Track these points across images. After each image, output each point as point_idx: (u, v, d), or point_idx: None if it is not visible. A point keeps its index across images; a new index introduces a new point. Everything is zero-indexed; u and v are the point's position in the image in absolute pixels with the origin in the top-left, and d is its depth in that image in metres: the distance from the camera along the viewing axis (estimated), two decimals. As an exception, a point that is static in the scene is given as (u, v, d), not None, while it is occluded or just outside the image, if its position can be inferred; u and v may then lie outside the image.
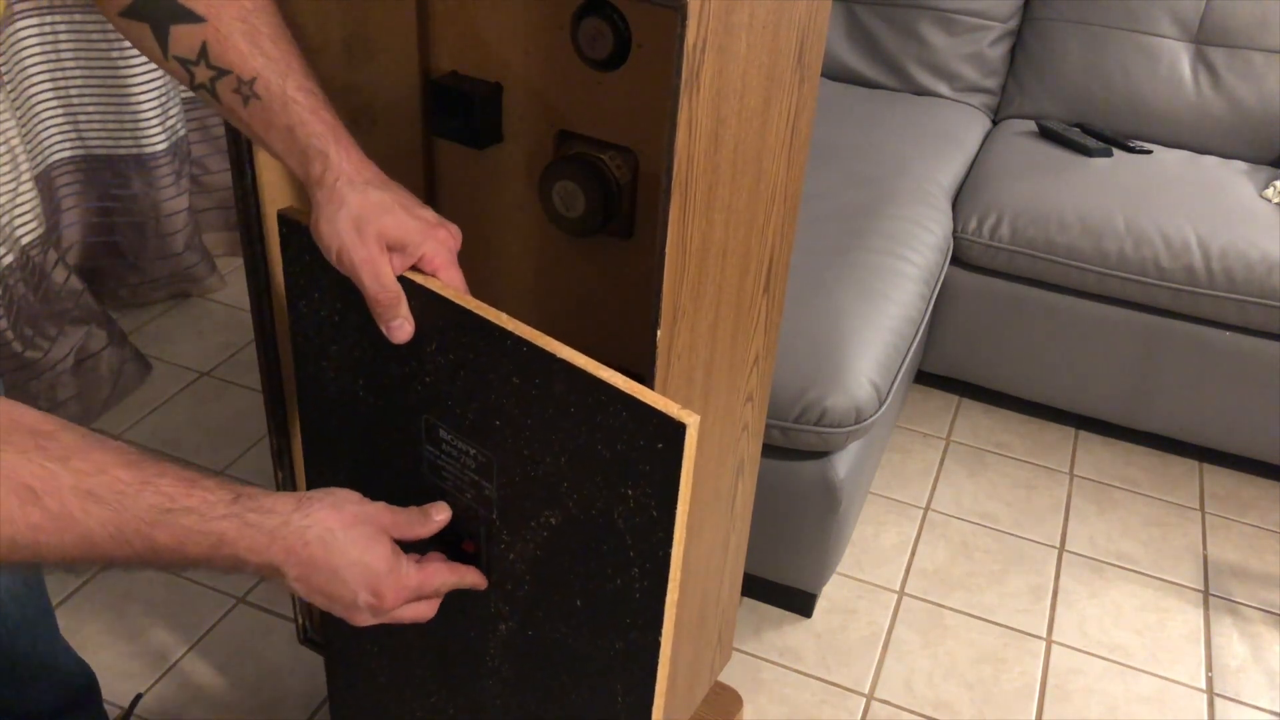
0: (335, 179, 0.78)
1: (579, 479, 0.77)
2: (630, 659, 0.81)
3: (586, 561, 0.80)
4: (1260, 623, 1.76)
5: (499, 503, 0.84)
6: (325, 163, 0.79)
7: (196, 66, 0.78)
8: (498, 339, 0.77)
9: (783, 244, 1.04)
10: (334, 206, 0.78)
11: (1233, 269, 1.85)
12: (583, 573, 0.81)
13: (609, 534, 0.77)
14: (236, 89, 0.78)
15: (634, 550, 0.76)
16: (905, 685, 1.60)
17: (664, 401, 0.70)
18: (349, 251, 0.78)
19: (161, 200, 2.17)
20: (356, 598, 0.75)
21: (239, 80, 0.78)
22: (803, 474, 1.51)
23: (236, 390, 2.08)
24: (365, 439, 0.94)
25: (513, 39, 1.02)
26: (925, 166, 2.07)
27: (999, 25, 2.36)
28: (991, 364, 2.11)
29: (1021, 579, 1.80)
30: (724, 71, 0.78)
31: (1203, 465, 2.10)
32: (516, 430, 0.80)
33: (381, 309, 0.81)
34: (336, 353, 0.92)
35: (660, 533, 0.73)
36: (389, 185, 0.81)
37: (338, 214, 0.78)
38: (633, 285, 1.10)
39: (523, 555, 0.85)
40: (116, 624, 1.59)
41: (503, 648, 0.92)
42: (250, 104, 0.78)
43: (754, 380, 1.11)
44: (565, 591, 0.83)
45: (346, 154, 0.80)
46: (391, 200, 0.80)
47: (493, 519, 0.85)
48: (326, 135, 0.79)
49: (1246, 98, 2.18)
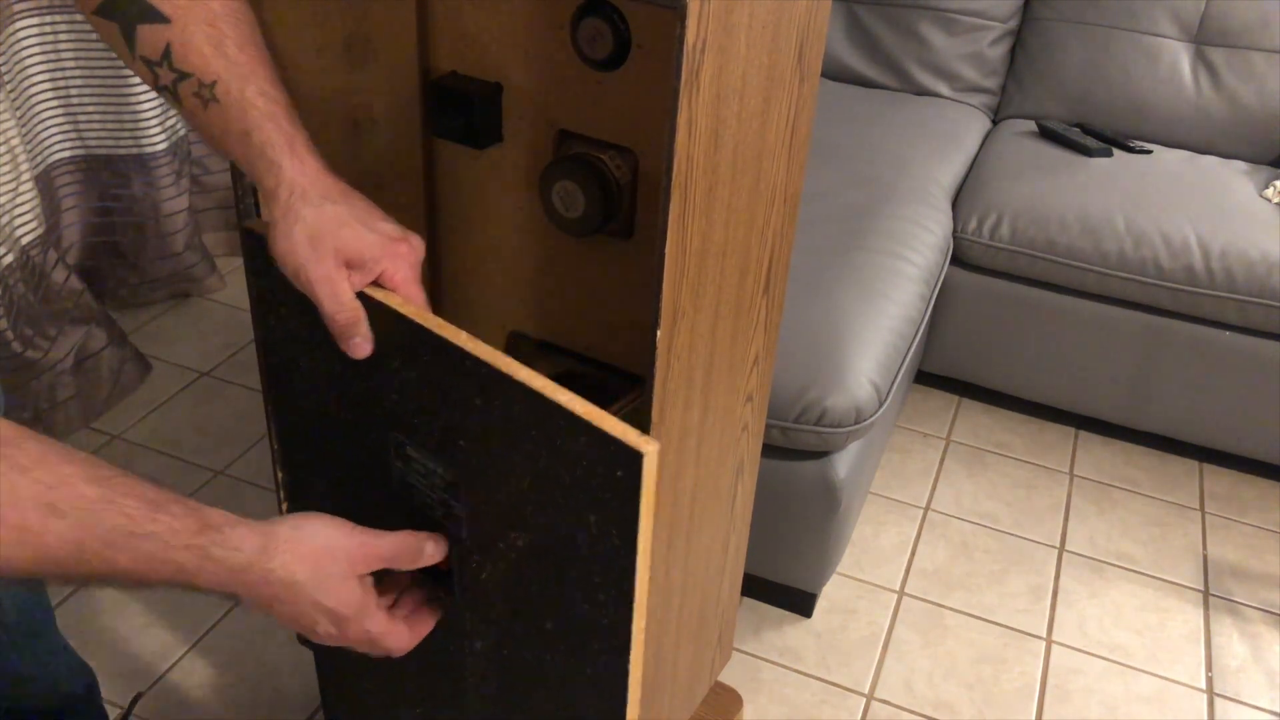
0: (289, 193, 0.76)
1: (543, 502, 0.75)
2: (600, 683, 0.79)
3: (554, 585, 0.78)
4: (1260, 623, 1.76)
5: (468, 522, 0.82)
6: (279, 175, 0.76)
7: (160, 68, 0.77)
8: (457, 359, 0.75)
9: (783, 244, 1.04)
10: (289, 222, 0.76)
11: (1233, 269, 1.85)
12: (551, 596, 0.79)
13: (574, 559, 0.75)
14: (197, 92, 0.77)
15: (599, 577, 0.74)
16: (905, 685, 1.60)
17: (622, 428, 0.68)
18: (305, 269, 0.76)
19: (161, 200, 2.17)
20: (316, 626, 0.75)
21: (200, 83, 0.76)
22: (803, 474, 1.51)
23: (236, 390, 2.08)
24: (338, 453, 0.93)
25: (513, 39, 1.02)
26: (925, 166, 2.07)
27: (999, 25, 2.36)
28: (991, 364, 2.11)
29: (1021, 579, 1.80)
30: (724, 72, 0.78)
31: (1203, 465, 2.10)
32: (480, 450, 0.78)
33: (338, 328, 0.78)
34: (307, 367, 0.90)
35: (623, 561, 0.71)
36: (348, 198, 0.79)
37: (293, 230, 0.76)
38: (633, 285, 1.10)
39: (494, 575, 0.83)
40: (116, 624, 1.59)
41: (481, 664, 0.91)
42: (210, 108, 0.77)
43: (754, 380, 1.11)
44: (535, 613, 0.82)
45: (302, 165, 0.77)
46: (349, 214, 0.77)
47: (462, 538, 0.83)
48: (281, 144, 0.77)
49: (1246, 98, 2.18)
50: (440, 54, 1.08)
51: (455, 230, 1.19)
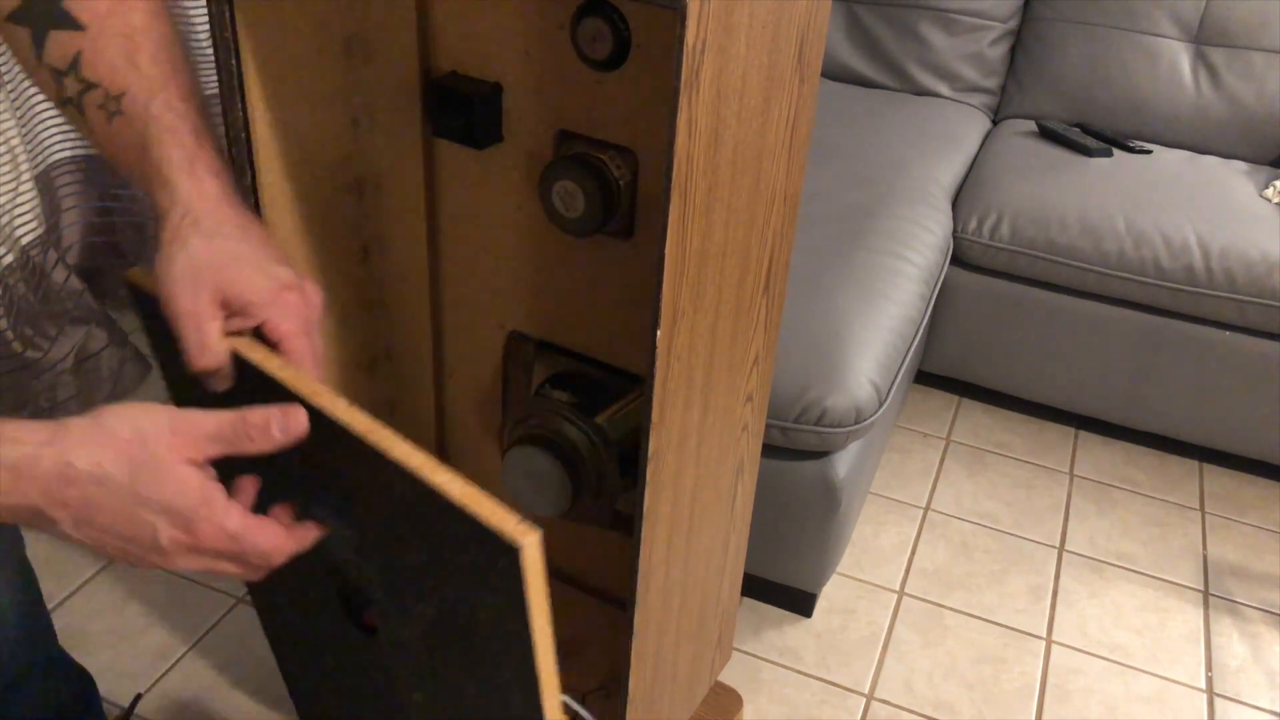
0: (181, 216, 0.70)
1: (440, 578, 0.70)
2: None
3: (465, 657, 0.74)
4: (1260, 623, 1.76)
5: (380, 584, 0.77)
6: (173, 196, 0.70)
7: (67, 77, 0.73)
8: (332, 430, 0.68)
9: (782, 244, 1.04)
10: (175, 247, 0.70)
11: (1233, 269, 1.85)
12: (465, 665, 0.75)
13: (478, 637, 0.71)
14: (102, 104, 0.72)
15: (502, 658, 0.69)
16: (905, 685, 1.60)
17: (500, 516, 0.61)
18: (175, 300, 0.69)
19: (161, 200, 2.17)
20: (158, 536, 0.62)
21: (106, 94, 0.72)
22: (803, 474, 1.51)
23: (236, 390, 2.08)
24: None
25: (513, 39, 1.02)
26: (925, 166, 2.07)
27: (999, 25, 2.36)
28: (991, 364, 2.11)
29: (1021, 579, 1.80)
30: (724, 72, 0.78)
31: (1203, 465, 2.10)
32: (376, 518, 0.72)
33: (195, 371, 0.71)
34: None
35: (521, 646, 0.66)
36: (245, 233, 0.72)
37: (176, 256, 0.69)
38: (633, 285, 1.10)
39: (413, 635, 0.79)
40: (116, 624, 1.59)
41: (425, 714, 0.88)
42: (114, 121, 0.72)
43: (754, 380, 1.11)
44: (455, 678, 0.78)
45: (200, 187, 0.71)
46: (240, 252, 0.71)
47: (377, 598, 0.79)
48: (180, 162, 0.71)
49: (1246, 98, 2.18)
50: (440, 54, 1.08)
51: (455, 230, 1.19)
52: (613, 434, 1.10)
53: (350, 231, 1.10)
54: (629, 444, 1.10)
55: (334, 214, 1.07)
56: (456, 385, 1.30)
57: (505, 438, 1.14)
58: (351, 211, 1.10)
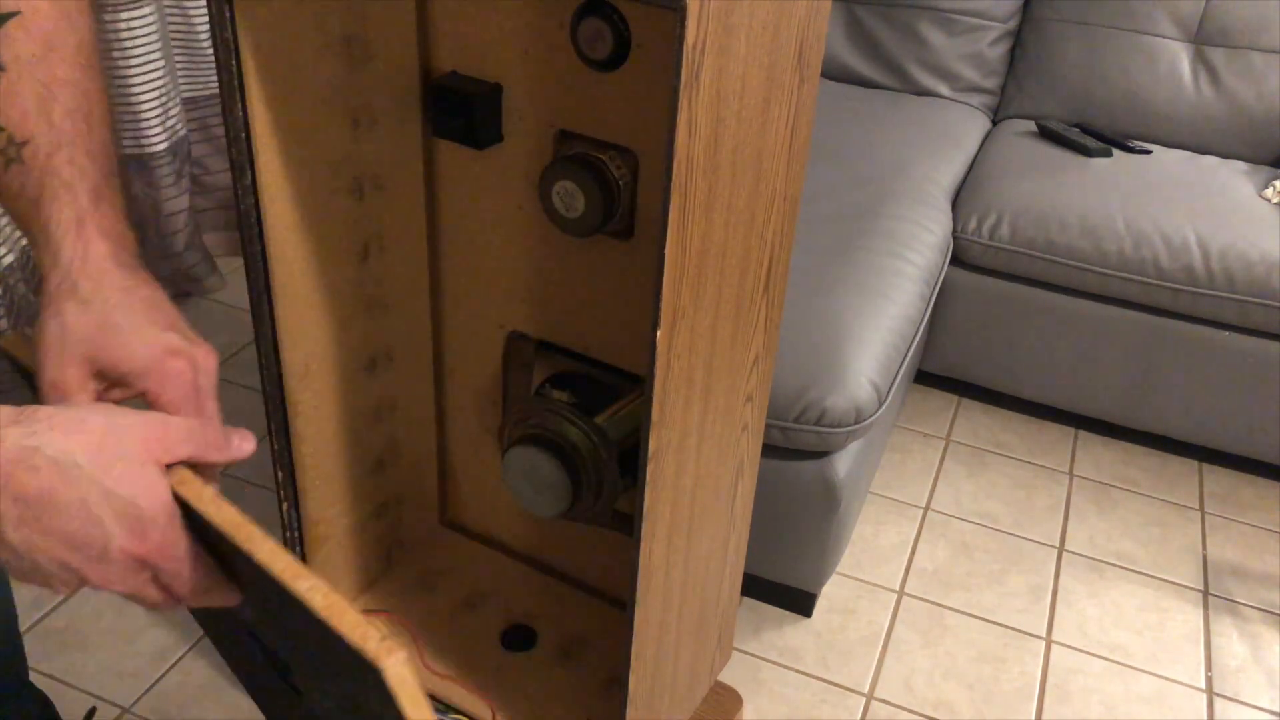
0: (59, 282, 0.67)
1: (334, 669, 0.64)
2: None
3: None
4: (1260, 623, 1.76)
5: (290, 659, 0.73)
6: (55, 258, 0.67)
7: None
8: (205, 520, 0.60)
9: (782, 244, 1.04)
10: (49, 314, 0.66)
11: (1233, 269, 1.85)
12: None
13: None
14: (3, 149, 0.69)
15: None
16: (905, 685, 1.60)
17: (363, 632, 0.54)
18: (41, 370, 0.66)
19: (162, 200, 2.17)
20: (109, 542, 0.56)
21: (10, 140, 0.69)
22: (803, 474, 1.51)
23: (236, 390, 2.08)
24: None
25: (513, 39, 1.02)
26: (925, 166, 2.07)
27: (999, 25, 2.36)
28: (991, 364, 2.11)
29: (1021, 579, 1.80)
30: (724, 72, 0.78)
31: (1203, 465, 2.10)
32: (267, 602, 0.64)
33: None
34: None
35: None
36: (128, 297, 0.68)
37: (49, 324, 0.66)
38: (633, 285, 1.10)
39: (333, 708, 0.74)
40: (116, 624, 1.59)
41: None
42: (10, 169, 0.69)
43: (754, 380, 1.11)
44: None
45: (85, 250, 0.68)
46: (119, 320, 0.67)
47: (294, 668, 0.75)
48: (68, 223, 0.67)
49: (1246, 98, 2.18)
50: (440, 54, 1.08)
51: (455, 230, 1.19)
52: (613, 434, 1.10)
53: (350, 231, 1.10)
54: (629, 444, 1.10)
55: (334, 214, 1.07)
56: (456, 385, 1.30)
57: (505, 438, 1.14)
58: (351, 211, 1.10)
